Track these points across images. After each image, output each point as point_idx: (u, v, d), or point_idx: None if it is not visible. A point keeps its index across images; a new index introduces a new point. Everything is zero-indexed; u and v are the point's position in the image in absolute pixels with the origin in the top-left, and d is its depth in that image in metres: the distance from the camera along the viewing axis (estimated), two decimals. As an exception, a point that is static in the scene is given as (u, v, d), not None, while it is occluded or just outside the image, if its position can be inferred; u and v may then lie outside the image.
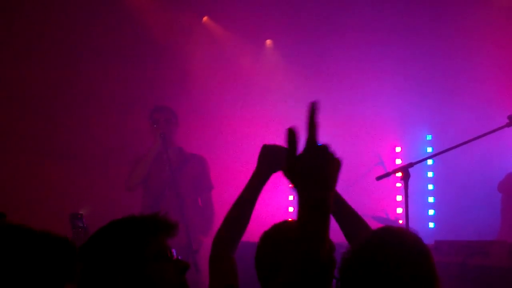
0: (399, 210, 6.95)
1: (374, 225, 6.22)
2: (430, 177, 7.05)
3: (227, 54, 7.63)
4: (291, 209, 7.64)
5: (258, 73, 7.68)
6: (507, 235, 5.26)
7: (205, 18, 7.74)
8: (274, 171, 2.50)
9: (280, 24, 7.45)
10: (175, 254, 1.92)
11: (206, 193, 5.73)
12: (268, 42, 7.91)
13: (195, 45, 7.40)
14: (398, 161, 7.07)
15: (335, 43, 7.10)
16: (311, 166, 1.53)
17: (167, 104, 5.92)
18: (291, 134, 1.55)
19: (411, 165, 4.00)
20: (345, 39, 7.03)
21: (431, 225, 6.90)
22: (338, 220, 2.43)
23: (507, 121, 4.11)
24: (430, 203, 6.99)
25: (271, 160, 2.50)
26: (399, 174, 4.09)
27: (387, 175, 4.13)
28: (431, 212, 6.96)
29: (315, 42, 7.29)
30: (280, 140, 6.42)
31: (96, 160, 6.80)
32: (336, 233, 2.07)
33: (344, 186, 6.68)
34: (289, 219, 2.41)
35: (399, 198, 7.00)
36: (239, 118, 7.41)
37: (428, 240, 4.55)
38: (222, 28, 7.74)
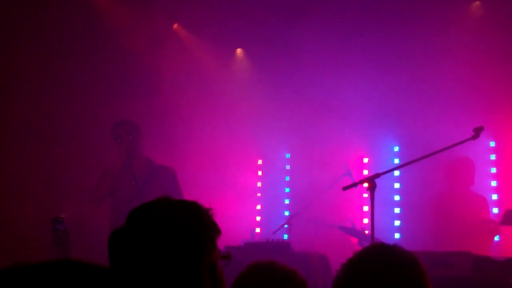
0: (366, 221, 7.00)
1: (340, 235, 6.27)
2: (397, 188, 7.12)
3: (197, 62, 7.62)
4: (258, 218, 7.64)
5: (229, 82, 7.67)
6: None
7: (175, 26, 7.72)
8: None
9: (250, 32, 7.47)
10: None
11: None
12: (239, 50, 7.91)
13: (164, 52, 7.36)
14: (366, 172, 7.12)
15: (306, 53, 7.14)
16: None
17: (136, 112, 5.91)
18: None
19: (377, 175, 4.02)
20: (315, 50, 7.08)
21: (397, 235, 6.95)
22: None
23: (473, 133, 4.18)
24: (396, 213, 7.05)
25: None
26: (365, 185, 4.11)
27: (353, 185, 4.15)
28: (397, 223, 7.02)
29: (285, 51, 7.32)
30: (249, 147, 6.44)
31: (78, 164, 6.74)
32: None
33: (312, 196, 6.81)
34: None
35: (365, 208, 7.05)
36: (209, 127, 7.40)
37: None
38: (193, 36, 7.72)
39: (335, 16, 6.98)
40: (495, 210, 6.60)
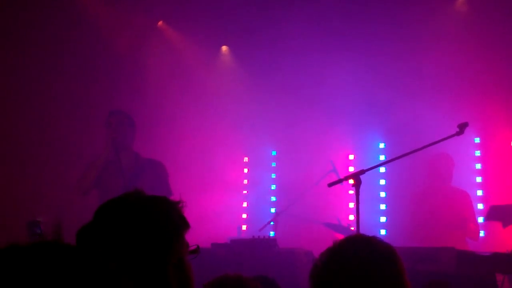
0: (351, 217, 7.02)
1: (326, 231, 6.29)
2: (382, 185, 7.14)
3: (182, 59, 7.60)
4: (244, 215, 7.64)
5: (214, 79, 7.66)
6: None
7: (160, 23, 7.69)
8: None
9: (235, 30, 7.46)
10: None
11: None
12: (224, 48, 7.90)
13: (149, 50, 7.34)
14: (351, 169, 7.14)
15: (291, 50, 7.15)
16: None
17: (122, 109, 5.84)
18: None
19: (362, 172, 4.03)
20: (300, 47, 7.08)
21: (383, 232, 6.98)
22: None
23: (457, 129, 4.19)
24: (382, 210, 7.08)
25: None
26: (351, 181, 4.12)
27: (338, 181, 4.16)
28: (382, 219, 7.05)
29: (271, 49, 7.32)
30: (234, 145, 6.42)
31: (53, 166, 6.67)
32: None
33: (298, 193, 6.82)
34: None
35: (351, 205, 7.07)
36: (194, 125, 7.39)
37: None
38: (178, 33, 7.70)
39: (320, 14, 6.98)
40: (480, 206, 6.65)
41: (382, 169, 7.06)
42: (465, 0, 6.86)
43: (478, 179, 6.78)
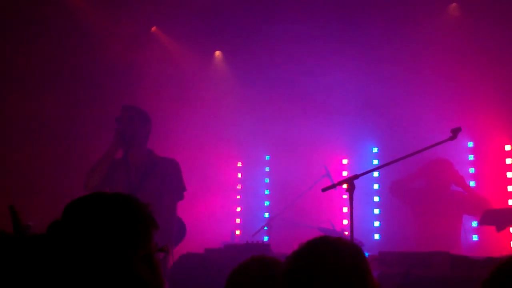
0: (345, 222, 7.01)
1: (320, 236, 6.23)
2: (376, 189, 7.14)
3: (176, 64, 7.59)
4: (238, 220, 7.63)
5: (208, 84, 7.66)
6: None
7: (153, 28, 7.68)
8: None
9: (229, 35, 7.46)
10: None
11: (178, 196, 5.34)
12: (217, 53, 7.90)
13: (143, 55, 7.33)
14: (345, 173, 7.14)
15: (285, 55, 7.15)
16: None
17: (115, 113, 5.76)
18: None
19: (356, 177, 4.03)
20: (294, 51, 7.09)
21: (377, 236, 6.98)
22: None
23: (451, 134, 4.20)
24: (376, 214, 7.08)
25: None
26: (344, 186, 4.11)
27: (332, 186, 4.15)
28: (376, 223, 7.05)
29: (265, 53, 7.31)
30: (228, 149, 6.38)
31: (43, 171, 6.63)
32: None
33: (292, 198, 6.80)
34: None
35: (345, 209, 7.07)
36: (188, 129, 7.38)
37: (373, 252, 4.61)
38: (171, 38, 7.69)
39: (313, 17, 6.98)
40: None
41: (376, 174, 7.06)
42: (458, 5, 6.87)
43: (472, 183, 6.79)
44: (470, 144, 6.87)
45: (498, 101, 6.33)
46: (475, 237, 6.44)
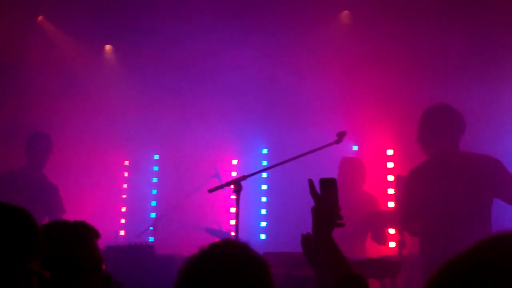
0: (233, 222, 7.01)
1: (207, 237, 6.21)
2: (264, 190, 7.21)
3: (64, 56, 7.29)
4: (123, 220, 7.43)
5: (96, 79, 7.41)
6: None
7: (40, 18, 7.32)
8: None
9: (120, 29, 7.26)
10: None
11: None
12: (108, 47, 7.67)
13: (26, 45, 6.96)
14: (234, 174, 7.15)
15: (176, 51, 7.05)
16: None
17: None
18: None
19: (243, 178, 4.03)
20: (185, 46, 7.00)
21: (263, 236, 7.04)
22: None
23: (336, 138, 4.29)
24: (263, 215, 7.14)
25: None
26: (233, 187, 4.10)
27: (219, 187, 4.13)
28: (263, 223, 7.11)
29: (156, 49, 7.17)
30: (115, 147, 6.17)
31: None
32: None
33: (180, 198, 6.69)
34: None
35: (233, 210, 7.07)
36: (73, 125, 7.10)
37: (258, 251, 4.61)
38: (58, 29, 7.37)
39: (205, 18, 6.94)
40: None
41: (264, 175, 7.12)
42: (348, 14, 7.06)
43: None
44: (355, 148, 7.07)
45: (382, 107, 6.56)
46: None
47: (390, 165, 6.79)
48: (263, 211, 7.15)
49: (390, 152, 6.83)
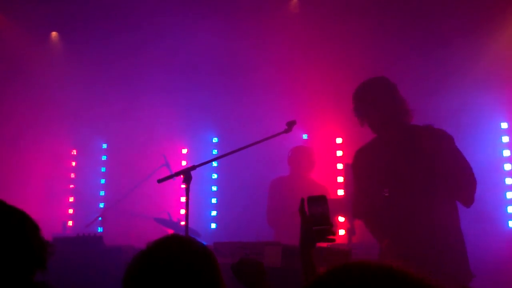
0: (183, 211, 6.98)
1: (156, 226, 6.16)
2: (215, 179, 7.19)
3: (7, 43, 7.09)
4: (70, 210, 7.30)
5: (41, 66, 7.23)
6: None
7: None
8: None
9: (66, 16, 7.09)
10: None
11: None
12: (54, 34, 7.49)
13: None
14: (184, 163, 7.10)
15: (125, 35, 6.94)
16: None
17: None
18: None
19: (193, 167, 3.99)
20: (134, 36, 6.90)
21: (213, 226, 7.03)
22: None
23: (286, 127, 4.29)
24: (213, 204, 7.13)
25: None
26: (182, 176, 4.05)
27: (168, 177, 4.08)
28: (213, 213, 7.10)
29: (105, 37, 7.05)
30: (62, 137, 6.03)
31: None
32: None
33: (129, 187, 6.60)
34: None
35: (183, 199, 7.03)
36: (18, 114, 6.93)
37: (209, 241, 4.60)
38: (2, 15, 7.16)
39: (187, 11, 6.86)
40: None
41: (215, 164, 7.09)
42: (297, 3, 7.08)
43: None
44: (305, 136, 7.11)
45: (331, 96, 6.61)
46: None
47: (339, 153, 6.86)
48: (214, 200, 7.14)
49: (339, 140, 6.90)
